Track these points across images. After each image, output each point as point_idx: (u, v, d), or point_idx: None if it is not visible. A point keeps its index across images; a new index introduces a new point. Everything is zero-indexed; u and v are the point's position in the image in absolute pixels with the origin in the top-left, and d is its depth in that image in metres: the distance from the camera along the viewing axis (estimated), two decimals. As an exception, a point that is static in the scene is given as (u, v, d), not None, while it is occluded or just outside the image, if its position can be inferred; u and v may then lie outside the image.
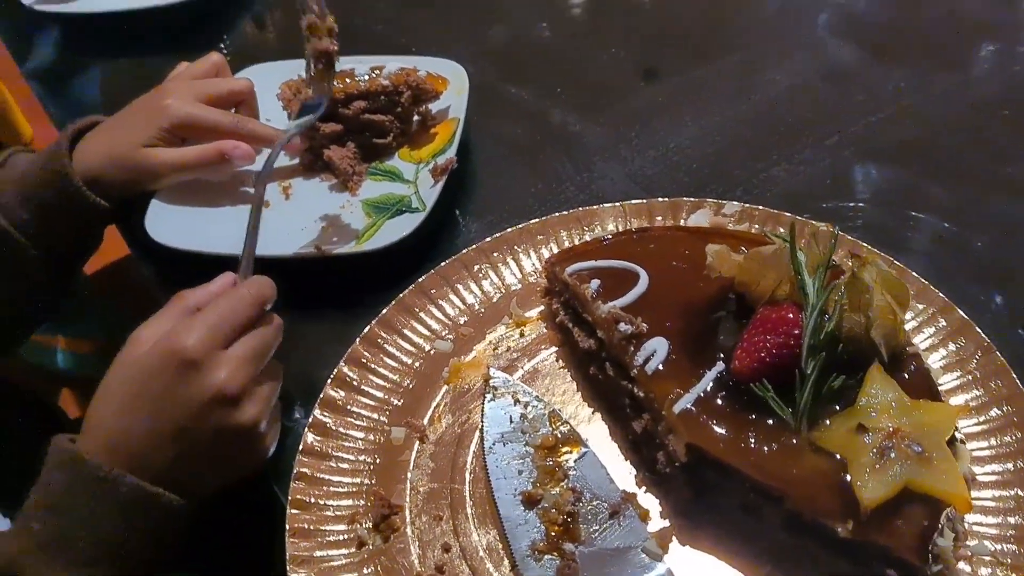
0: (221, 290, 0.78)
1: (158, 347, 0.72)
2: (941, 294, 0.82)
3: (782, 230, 0.88)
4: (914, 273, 0.83)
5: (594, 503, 0.73)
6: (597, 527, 0.71)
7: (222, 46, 1.33)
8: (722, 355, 0.71)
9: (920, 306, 0.82)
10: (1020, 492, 0.70)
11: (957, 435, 0.69)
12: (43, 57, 1.42)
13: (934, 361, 0.79)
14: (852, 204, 0.94)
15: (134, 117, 1.02)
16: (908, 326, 0.81)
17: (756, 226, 0.90)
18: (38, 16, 1.39)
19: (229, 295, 0.77)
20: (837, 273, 0.70)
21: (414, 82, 1.04)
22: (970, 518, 0.68)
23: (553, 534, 0.71)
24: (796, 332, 0.66)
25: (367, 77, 1.04)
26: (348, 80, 1.04)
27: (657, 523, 0.72)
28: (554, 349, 0.86)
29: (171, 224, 0.99)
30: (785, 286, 0.69)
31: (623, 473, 0.76)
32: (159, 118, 0.99)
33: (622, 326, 0.74)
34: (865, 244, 0.86)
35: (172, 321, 0.75)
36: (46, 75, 1.39)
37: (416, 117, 1.07)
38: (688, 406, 0.69)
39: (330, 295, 0.95)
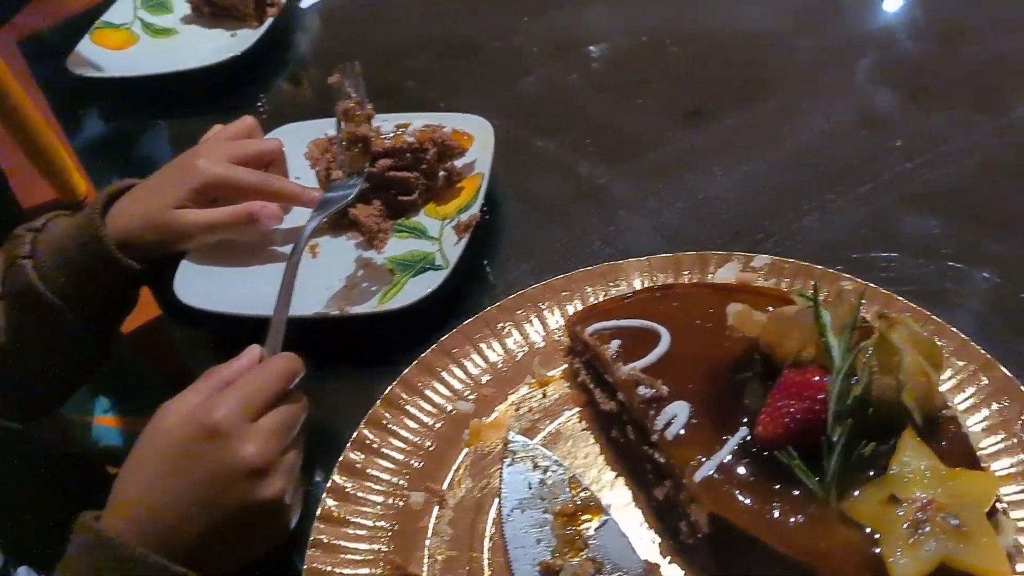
0: (249, 364, 0.78)
1: (187, 419, 0.72)
2: (983, 351, 0.78)
3: (808, 289, 0.85)
4: (953, 328, 0.80)
5: (615, 575, 0.70)
6: (618, 600, 0.68)
7: (259, 104, 1.35)
8: (746, 420, 0.68)
9: (960, 363, 0.78)
10: (1072, 565, 0.65)
11: (1000, 505, 0.65)
12: (84, 120, 1.46)
13: (975, 422, 0.74)
14: (887, 255, 0.91)
15: (166, 179, 1.04)
16: (947, 384, 0.77)
17: (787, 280, 0.88)
18: (80, 80, 1.43)
19: (259, 369, 0.77)
20: (866, 333, 0.66)
21: (440, 139, 1.04)
22: (1017, 595, 0.63)
23: (573, 608, 0.68)
24: (821, 397, 0.63)
25: (393, 135, 1.05)
26: (374, 138, 1.05)
27: (681, 596, 0.69)
28: (577, 410, 0.84)
29: (200, 286, 1.00)
30: (811, 348, 0.66)
31: (646, 542, 0.73)
32: (189, 179, 1.01)
33: (642, 389, 0.72)
34: (901, 298, 0.83)
35: (202, 395, 0.75)
36: (87, 138, 1.43)
37: (442, 173, 1.07)
38: (710, 473, 0.66)
39: (352, 354, 0.95)
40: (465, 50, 1.36)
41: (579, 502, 0.75)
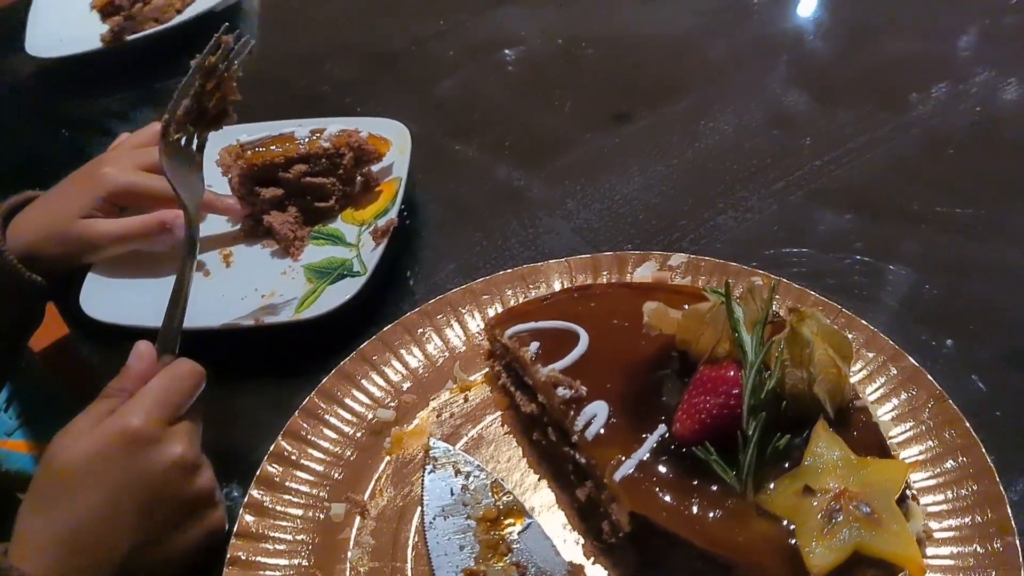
0: (143, 370, 0.75)
1: (104, 434, 0.69)
2: (891, 342, 0.80)
3: (731, 280, 0.86)
4: (863, 321, 0.82)
5: (540, 578, 0.69)
6: (543, 603, 0.68)
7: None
8: (665, 417, 0.68)
9: (870, 354, 0.80)
10: (979, 548, 0.67)
11: (910, 492, 0.66)
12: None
13: (885, 412, 0.76)
14: (799, 250, 0.93)
15: (71, 188, 1.00)
16: (858, 376, 0.79)
17: (703, 277, 0.89)
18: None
19: (167, 375, 0.74)
20: (779, 328, 0.67)
21: (356, 143, 1.02)
22: (928, 577, 0.65)
23: (497, 613, 0.67)
24: (736, 391, 0.64)
25: (307, 140, 1.03)
26: (288, 144, 1.03)
27: (605, 596, 0.69)
28: (499, 414, 0.83)
29: (108, 299, 0.96)
30: (725, 343, 0.67)
31: (570, 543, 0.72)
32: (97, 187, 0.97)
33: (560, 390, 0.72)
34: (813, 293, 0.84)
35: (97, 416, 0.71)
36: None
37: (359, 179, 1.05)
38: (630, 472, 0.66)
39: (269, 365, 0.92)
40: (382, 55, 1.34)
41: (502, 506, 0.74)
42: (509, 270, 0.93)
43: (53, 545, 0.67)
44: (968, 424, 0.73)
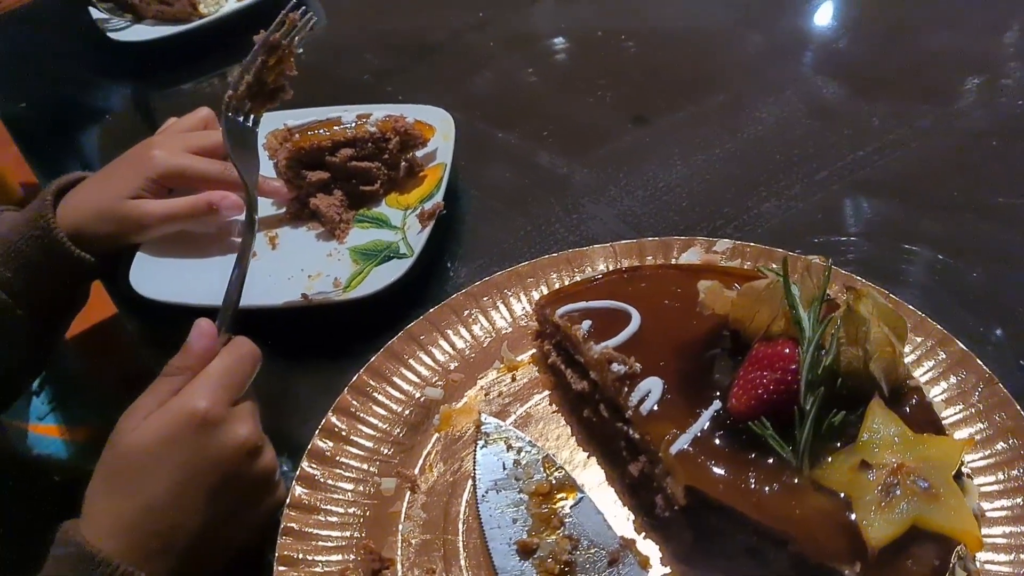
0: (205, 349, 0.75)
1: (172, 415, 0.70)
2: (939, 326, 0.80)
3: (775, 265, 0.87)
4: (910, 306, 0.82)
5: (592, 551, 0.70)
6: (596, 576, 0.68)
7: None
8: (718, 393, 0.69)
9: (918, 339, 0.81)
10: (1031, 527, 0.67)
11: (964, 470, 0.67)
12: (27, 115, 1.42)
13: (935, 395, 0.77)
14: (844, 238, 0.93)
15: (120, 169, 1.01)
16: (907, 359, 0.79)
17: (748, 263, 0.89)
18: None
19: (227, 355, 0.75)
20: (832, 307, 0.68)
21: (402, 128, 1.04)
22: (982, 556, 0.66)
23: (550, 584, 0.68)
24: (793, 368, 0.64)
25: (354, 125, 1.04)
26: (335, 128, 1.04)
27: (658, 570, 0.69)
28: (547, 393, 0.84)
29: (157, 277, 0.98)
30: (780, 321, 0.68)
31: (621, 519, 0.73)
32: (145, 169, 0.99)
33: (615, 366, 0.72)
34: (859, 278, 0.85)
35: (160, 395, 0.72)
36: (29, 133, 1.39)
37: (404, 164, 1.06)
38: (685, 447, 0.67)
39: (317, 344, 0.94)
40: (422, 45, 1.36)
41: (554, 481, 0.75)
42: (554, 254, 0.94)
43: (126, 527, 0.68)
44: (1019, 407, 0.73)
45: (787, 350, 0.65)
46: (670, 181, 1.05)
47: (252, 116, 0.89)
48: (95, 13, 1.44)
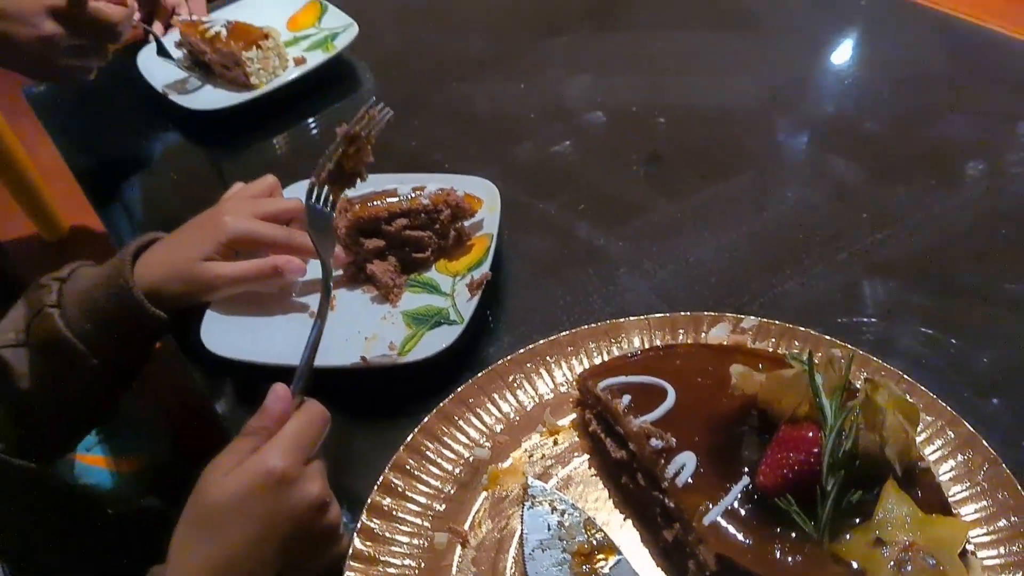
0: (282, 413, 0.83)
1: (251, 473, 0.78)
2: (949, 407, 0.88)
3: (797, 343, 0.95)
4: (923, 387, 0.89)
5: (629, 609, 0.77)
6: (633, 633, 0.76)
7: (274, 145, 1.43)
8: (747, 469, 0.76)
9: (929, 418, 0.88)
10: (1030, 600, 0.74)
11: (968, 547, 0.74)
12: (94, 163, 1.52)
13: (944, 472, 0.84)
14: (863, 319, 1.01)
15: (193, 233, 1.10)
16: (919, 438, 0.86)
17: (773, 339, 0.97)
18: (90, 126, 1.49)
19: (301, 416, 0.83)
20: (852, 394, 0.76)
21: (453, 201, 1.12)
22: (984, 626, 0.73)
23: (592, 639, 0.75)
24: (816, 450, 0.72)
25: (409, 196, 1.13)
26: (391, 199, 1.13)
27: (689, 629, 0.77)
28: (586, 457, 0.92)
29: (225, 335, 1.06)
30: (804, 406, 0.75)
31: (655, 580, 0.81)
32: (218, 234, 1.07)
33: (653, 441, 0.80)
34: (876, 359, 0.92)
35: (243, 452, 0.80)
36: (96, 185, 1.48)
37: (453, 233, 1.15)
38: (717, 518, 0.74)
39: (374, 403, 1.02)
40: (466, 114, 1.45)
41: (595, 542, 0.82)
42: (592, 325, 1.02)
43: (209, 573, 0.76)
44: (1019, 487, 0.80)
45: (811, 434, 0.73)
46: (700, 256, 1.13)
47: (331, 199, 0.97)
48: (159, 78, 1.54)
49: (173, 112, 1.49)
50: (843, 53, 1.48)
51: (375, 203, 1.12)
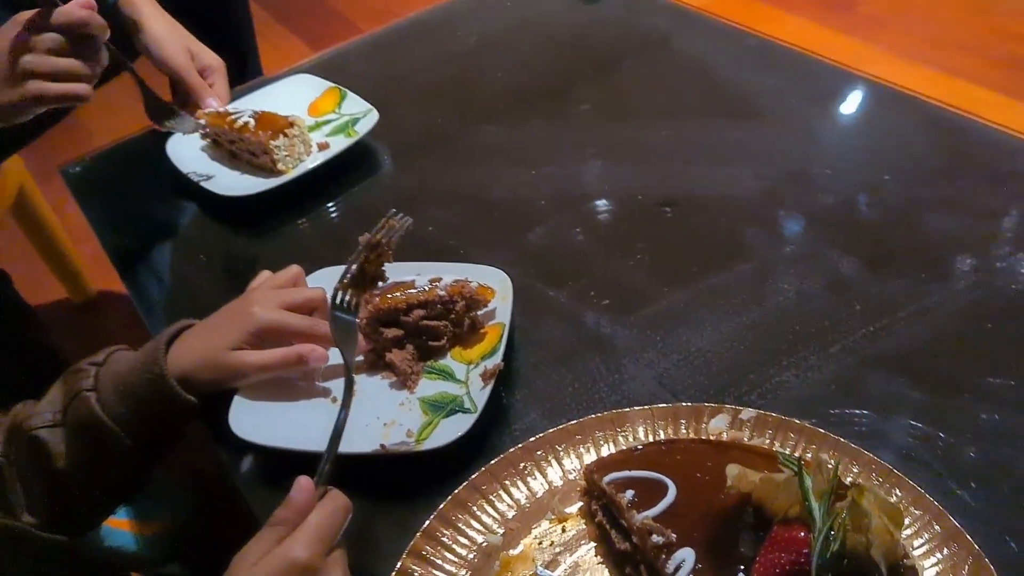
0: (307, 504, 0.89)
1: (274, 561, 0.84)
2: (935, 502, 0.93)
3: (792, 436, 1.01)
4: (911, 482, 0.95)
5: None
6: None
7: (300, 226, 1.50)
8: (743, 567, 0.82)
9: (917, 512, 0.93)
10: None
11: (950, 643, 0.79)
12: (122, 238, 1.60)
13: (929, 566, 0.89)
14: (855, 411, 1.06)
15: (223, 322, 1.17)
16: (906, 532, 0.91)
17: (770, 431, 1.03)
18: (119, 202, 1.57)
19: (324, 508, 0.89)
20: (840, 496, 0.81)
21: (468, 293, 1.19)
22: None
23: None
24: (805, 551, 0.78)
25: (426, 288, 1.20)
26: (409, 291, 1.19)
27: None
28: (593, 545, 0.97)
29: (252, 421, 1.12)
30: (796, 507, 0.81)
31: (657, 667, 0.86)
32: (247, 324, 1.14)
33: (655, 537, 0.86)
34: (867, 452, 0.98)
35: (272, 540, 0.86)
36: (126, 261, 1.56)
37: (467, 321, 1.21)
38: (714, 612, 0.79)
39: (389, 487, 1.07)
40: (479, 200, 1.52)
41: (600, 631, 0.88)
42: (598, 414, 1.08)
43: None
44: (1002, 583, 0.85)
45: (802, 534, 0.79)
46: (701, 346, 1.19)
47: (354, 301, 1.05)
48: (188, 164, 1.62)
49: (198, 193, 1.57)
50: (841, 144, 1.55)
51: (394, 295, 1.19)
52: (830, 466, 0.81)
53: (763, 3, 3.19)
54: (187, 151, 1.68)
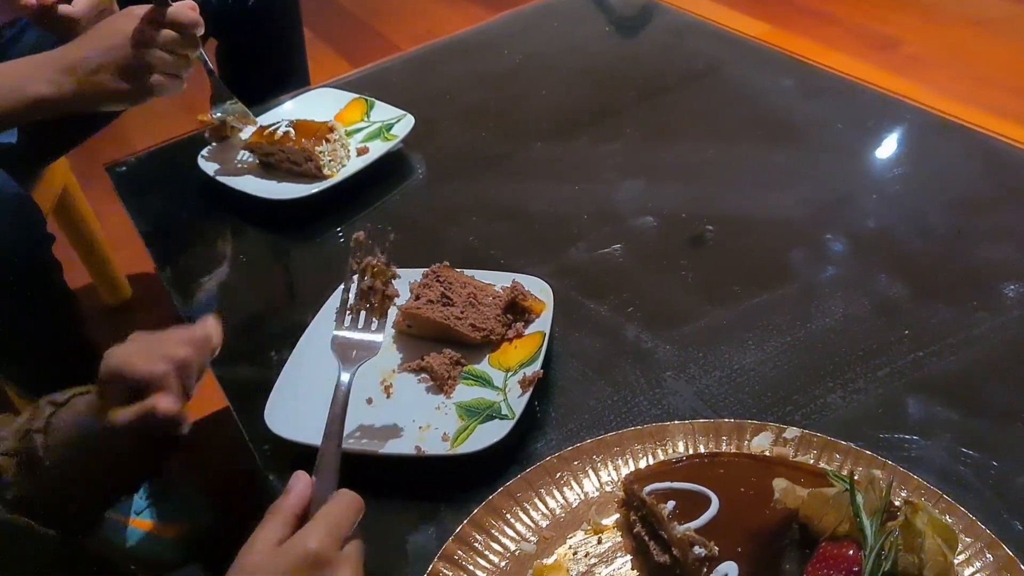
0: (304, 495, 0.87)
1: (285, 552, 0.81)
2: (988, 530, 0.90)
3: (839, 456, 0.98)
4: (962, 508, 0.92)
5: None
6: None
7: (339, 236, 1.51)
8: (788, 583, 0.79)
9: (968, 539, 0.90)
10: None
11: (1005, 673, 0.76)
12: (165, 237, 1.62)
13: (982, 596, 0.86)
14: (904, 436, 1.03)
15: None
16: (958, 559, 0.88)
17: (815, 451, 1.00)
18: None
19: (337, 502, 0.87)
20: (892, 514, 0.79)
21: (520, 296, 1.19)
22: None
23: None
24: (856, 569, 0.75)
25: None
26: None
27: None
28: (629, 557, 0.95)
29: (287, 418, 1.12)
30: (845, 524, 0.78)
31: None
32: None
33: (696, 549, 0.83)
34: (917, 477, 0.95)
35: (276, 531, 0.84)
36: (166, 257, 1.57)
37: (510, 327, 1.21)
38: (757, 628, 0.77)
39: (423, 491, 1.06)
40: (522, 213, 1.52)
41: (636, 645, 0.85)
42: (638, 427, 1.06)
43: None
44: (1058, 616, 0.82)
45: (851, 552, 0.76)
46: (744, 364, 1.17)
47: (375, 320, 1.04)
48: (230, 176, 1.64)
49: (239, 197, 1.59)
50: (888, 171, 1.53)
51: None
52: (882, 483, 0.79)
53: (807, 39, 3.19)
54: (214, 165, 1.69)
